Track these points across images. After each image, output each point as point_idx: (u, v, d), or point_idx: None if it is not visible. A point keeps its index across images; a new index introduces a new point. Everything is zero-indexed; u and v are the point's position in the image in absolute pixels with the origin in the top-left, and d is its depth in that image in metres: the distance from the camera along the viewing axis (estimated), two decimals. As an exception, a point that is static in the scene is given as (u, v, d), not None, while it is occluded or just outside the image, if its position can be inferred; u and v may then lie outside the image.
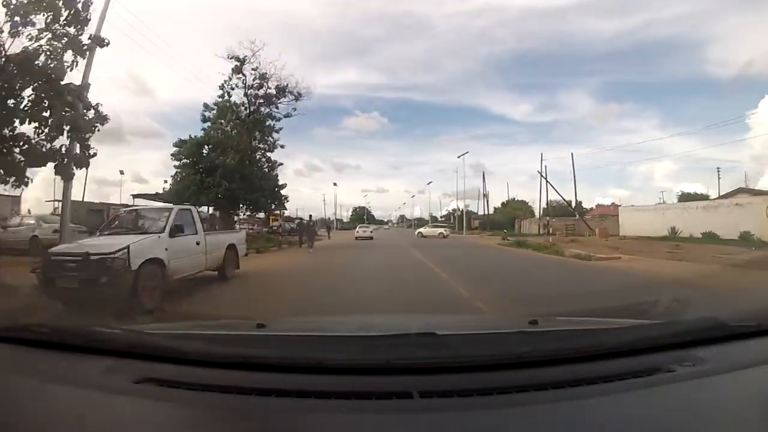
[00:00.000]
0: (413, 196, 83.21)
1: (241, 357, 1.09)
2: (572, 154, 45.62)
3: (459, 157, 56.84)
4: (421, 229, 43.42)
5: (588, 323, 1.81)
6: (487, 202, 60.12)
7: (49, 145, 10.12)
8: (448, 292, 7.51)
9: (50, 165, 10.44)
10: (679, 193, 48.84)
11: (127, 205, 18.05)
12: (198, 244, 7.81)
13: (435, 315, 3.94)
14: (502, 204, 62.59)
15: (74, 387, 1.03)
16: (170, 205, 9.62)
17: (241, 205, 21.53)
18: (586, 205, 54.26)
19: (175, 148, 20.33)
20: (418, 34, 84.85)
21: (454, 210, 75.81)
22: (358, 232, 34.74)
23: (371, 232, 35.28)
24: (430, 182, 68.36)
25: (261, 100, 22.14)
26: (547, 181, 40.93)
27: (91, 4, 10.64)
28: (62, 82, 10.10)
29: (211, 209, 20.38)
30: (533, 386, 1.01)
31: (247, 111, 21.87)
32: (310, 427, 0.89)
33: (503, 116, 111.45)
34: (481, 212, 63.35)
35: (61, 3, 9.97)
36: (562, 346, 1.22)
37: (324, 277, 9.96)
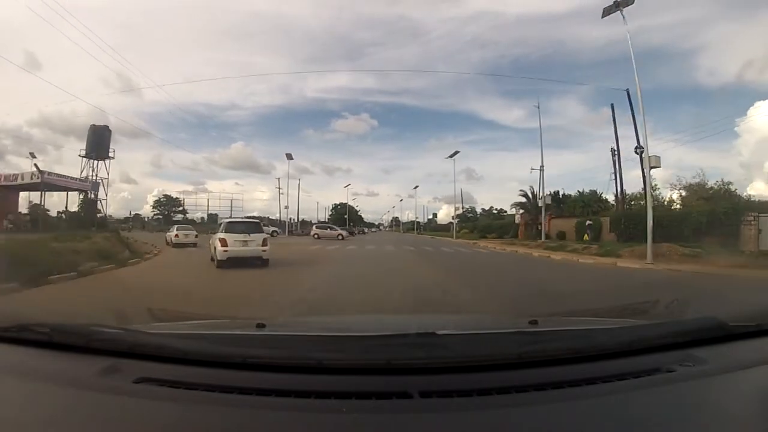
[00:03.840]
0: (416, 187, 74.80)
1: (241, 357, 1.09)
2: None
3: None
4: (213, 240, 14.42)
5: (588, 323, 1.81)
6: (622, 180, 29.24)
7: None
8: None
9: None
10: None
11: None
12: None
13: (435, 315, 3.94)
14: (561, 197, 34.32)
15: (74, 387, 1.03)
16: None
17: None
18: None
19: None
20: (411, 38, 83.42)
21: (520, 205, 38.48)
22: (177, 236, 23.28)
23: (195, 237, 23.98)
24: (454, 153, 45.27)
25: None
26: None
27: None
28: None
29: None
30: (533, 386, 1.01)
31: None
32: (310, 427, 0.89)
33: (493, 121, 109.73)
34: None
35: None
36: (562, 346, 1.22)
37: None
